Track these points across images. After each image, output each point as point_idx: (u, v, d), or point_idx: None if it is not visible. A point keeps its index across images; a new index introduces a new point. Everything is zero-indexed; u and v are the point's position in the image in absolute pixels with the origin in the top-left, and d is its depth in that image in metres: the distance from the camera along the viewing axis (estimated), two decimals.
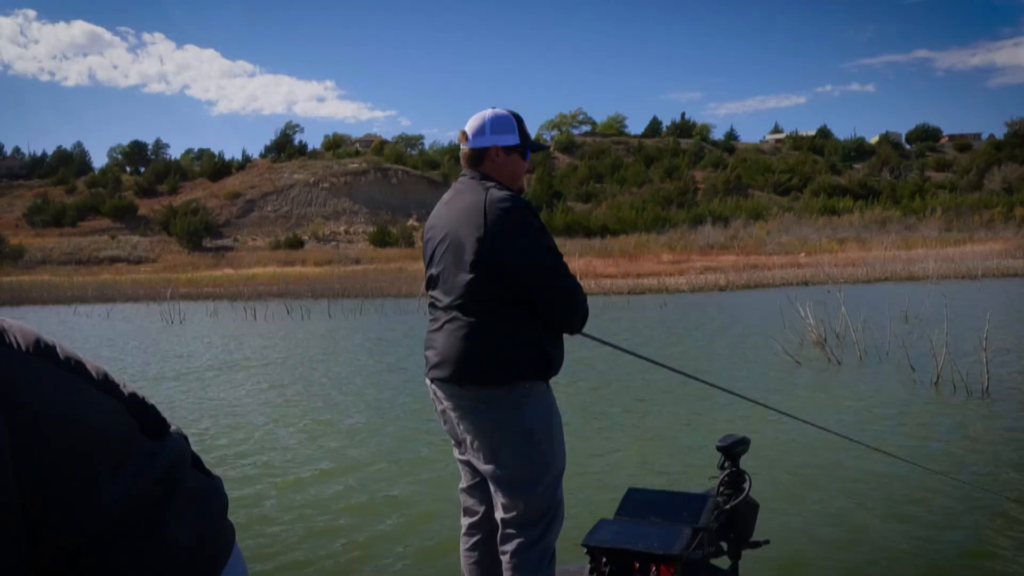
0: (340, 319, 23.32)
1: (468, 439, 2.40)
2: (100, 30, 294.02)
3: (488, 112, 2.48)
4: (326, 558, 4.67)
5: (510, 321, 2.36)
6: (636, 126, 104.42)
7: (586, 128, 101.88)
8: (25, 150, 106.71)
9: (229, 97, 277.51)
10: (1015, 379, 8.92)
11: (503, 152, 2.46)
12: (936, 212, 67.24)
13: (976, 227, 61.35)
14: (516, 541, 2.32)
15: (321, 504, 5.67)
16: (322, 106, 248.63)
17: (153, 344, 18.02)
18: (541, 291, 2.35)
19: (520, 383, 2.33)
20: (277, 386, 11.24)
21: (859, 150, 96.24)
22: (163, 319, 24.92)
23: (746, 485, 3.05)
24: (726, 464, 3.14)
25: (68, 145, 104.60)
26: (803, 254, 47.34)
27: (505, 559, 2.33)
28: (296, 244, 69.02)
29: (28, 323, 0.92)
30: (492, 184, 2.42)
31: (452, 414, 2.42)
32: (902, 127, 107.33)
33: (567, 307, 2.40)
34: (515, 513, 2.33)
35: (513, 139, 2.45)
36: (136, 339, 19.46)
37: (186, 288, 40.95)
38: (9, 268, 60.88)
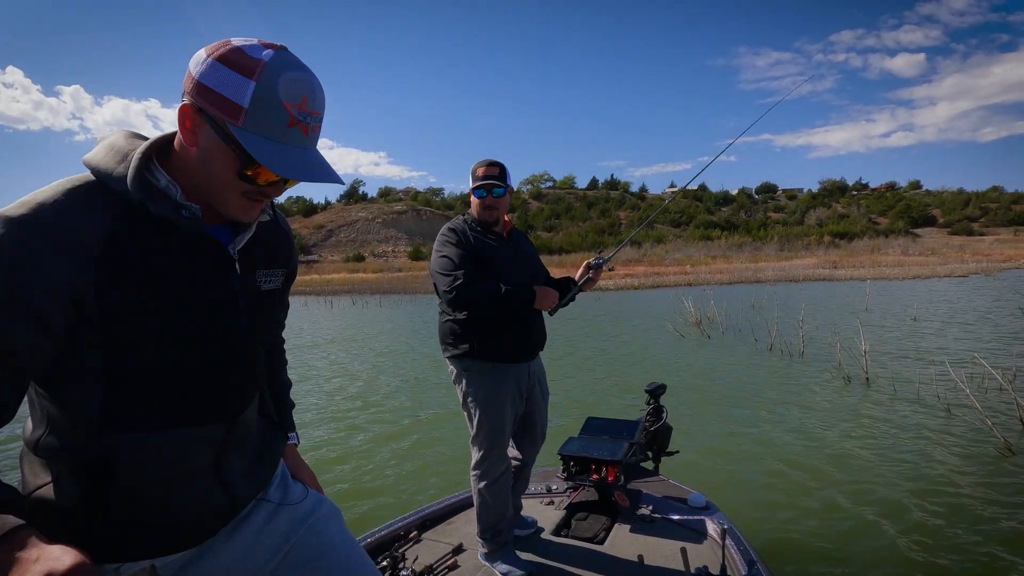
0: (388, 308, 23.15)
1: None
2: None
3: None
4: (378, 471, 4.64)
5: (449, 312, 2.12)
6: (582, 182, 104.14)
7: (549, 183, 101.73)
8: None
9: None
10: (820, 345, 9.04)
11: (470, 193, 2.22)
12: (774, 239, 67.74)
13: (799, 248, 61.85)
14: (471, 465, 2.18)
15: (387, 416, 5.68)
16: (378, 168, 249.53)
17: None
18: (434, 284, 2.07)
19: (461, 359, 2.08)
20: (352, 344, 11.21)
21: (725, 199, 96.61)
22: None
23: (664, 415, 3.01)
24: (651, 401, 3.10)
25: None
26: (689, 266, 47.52)
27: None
28: (360, 259, 68.48)
29: None
30: (462, 214, 2.25)
31: None
32: (753, 183, 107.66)
33: (440, 292, 2.05)
34: (471, 448, 2.17)
35: (471, 185, 2.21)
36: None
37: None
38: None
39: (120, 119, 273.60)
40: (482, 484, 2.15)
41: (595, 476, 2.57)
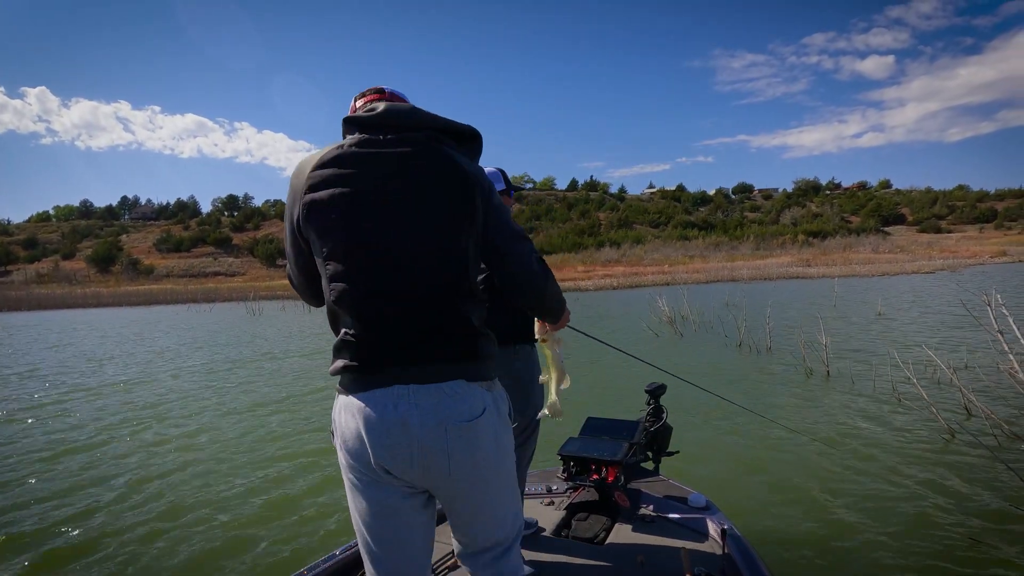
0: None
1: None
2: (204, 119, 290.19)
3: (485, 169, 2.30)
4: None
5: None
6: (562, 183, 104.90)
7: (529, 185, 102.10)
8: (155, 201, 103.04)
9: (294, 165, 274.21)
10: (787, 341, 9.28)
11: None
12: (750, 238, 68.96)
13: (775, 247, 63.11)
14: None
15: None
16: None
17: (239, 328, 17.64)
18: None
19: (512, 346, 2.14)
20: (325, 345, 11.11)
21: (703, 199, 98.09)
22: (248, 312, 24.37)
23: (664, 415, 2.97)
24: (651, 401, 3.06)
25: (184, 197, 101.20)
26: (667, 266, 48.11)
27: None
28: None
29: (158, 316, 0.87)
30: None
31: None
32: (729, 183, 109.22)
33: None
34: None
35: (501, 186, 2.27)
36: (229, 326, 19.01)
37: (264, 292, 39.96)
38: (144, 280, 59.73)
39: (89, 121, 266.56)
40: (527, 458, 2.20)
41: (595, 476, 2.55)
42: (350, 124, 1.22)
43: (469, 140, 1.29)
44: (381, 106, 1.21)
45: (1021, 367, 4.56)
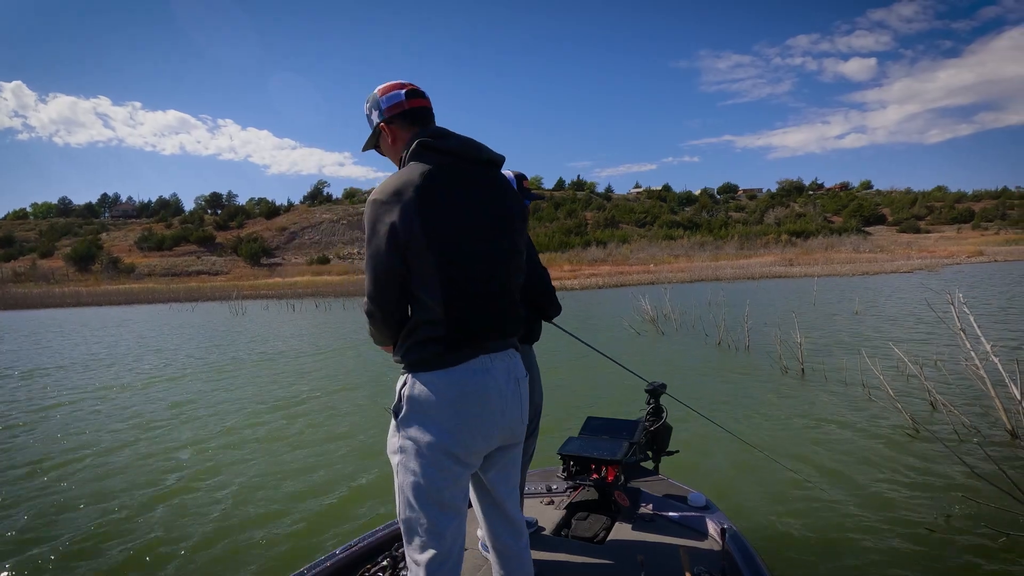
0: (352, 311, 22.99)
1: None
2: (187, 116, 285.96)
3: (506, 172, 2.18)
4: None
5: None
6: (549, 183, 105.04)
7: None
8: (136, 198, 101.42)
9: (279, 162, 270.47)
10: (764, 340, 9.43)
11: None
12: (734, 238, 69.66)
13: (758, 247, 63.81)
14: None
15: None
16: (342, 169, 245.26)
17: (222, 328, 17.46)
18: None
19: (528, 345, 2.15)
20: (316, 345, 11.09)
21: (688, 199, 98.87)
22: (231, 312, 24.14)
23: (664, 415, 2.98)
24: (651, 401, 3.05)
25: (166, 194, 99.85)
26: (652, 265, 48.44)
27: None
28: (324, 261, 67.65)
29: (139, 316, 0.85)
30: None
31: None
32: (715, 184, 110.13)
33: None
34: None
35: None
36: (212, 325, 18.82)
37: (248, 291, 39.59)
38: (124, 279, 58.91)
39: (67, 117, 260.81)
40: (527, 457, 2.21)
41: (595, 476, 2.57)
42: (428, 149, 1.41)
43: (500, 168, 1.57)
44: (454, 136, 1.45)
45: (982, 363, 4.75)
